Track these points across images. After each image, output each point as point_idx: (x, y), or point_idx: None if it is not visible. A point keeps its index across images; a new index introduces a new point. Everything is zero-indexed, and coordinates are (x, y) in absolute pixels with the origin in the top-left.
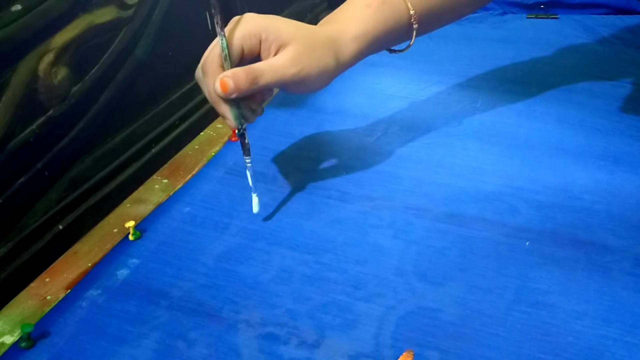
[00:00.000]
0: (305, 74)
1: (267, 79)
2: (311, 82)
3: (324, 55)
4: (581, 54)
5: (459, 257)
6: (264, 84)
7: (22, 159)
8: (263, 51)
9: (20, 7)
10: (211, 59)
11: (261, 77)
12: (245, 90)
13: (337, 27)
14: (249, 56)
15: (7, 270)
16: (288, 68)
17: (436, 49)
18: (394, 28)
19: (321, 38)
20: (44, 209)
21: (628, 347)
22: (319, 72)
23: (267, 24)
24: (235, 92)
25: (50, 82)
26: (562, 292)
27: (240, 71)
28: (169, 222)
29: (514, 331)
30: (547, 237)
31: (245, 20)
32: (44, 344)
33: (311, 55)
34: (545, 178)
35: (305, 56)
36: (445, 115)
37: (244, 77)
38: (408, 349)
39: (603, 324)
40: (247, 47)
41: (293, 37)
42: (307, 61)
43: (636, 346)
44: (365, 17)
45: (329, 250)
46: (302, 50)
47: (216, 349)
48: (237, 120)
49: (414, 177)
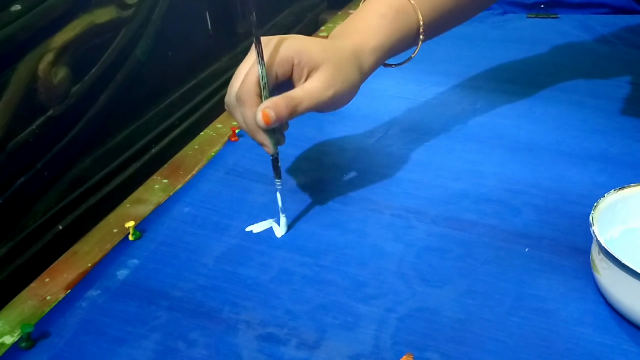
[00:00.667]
0: (340, 94)
1: (305, 106)
2: (342, 100)
3: (350, 72)
4: (581, 53)
5: (458, 261)
6: (303, 111)
7: (21, 159)
8: (295, 74)
9: (20, 7)
10: (247, 88)
11: (300, 105)
12: (286, 119)
13: (356, 40)
14: (281, 80)
15: (7, 270)
16: (323, 92)
17: (436, 49)
18: (406, 36)
19: (346, 55)
20: (43, 209)
21: (626, 355)
22: (349, 89)
23: (299, 49)
24: (277, 122)
25: (50, 82)
26: (561, 299)
27: (281, 100)
28: (169, 222)
29: (514, 336)
30: (546, 243)
31: (276, 46)
32: (44, 344)
33: (341, 75)
34: (544, 182)
35: (337, 77)
36: (446, 116)
37: (285, 107)
38: (408, 353)
39: (602, 331)
40: (280, 73)
41: (324, 59)
42: (339, 82)
43: (634, 354)
44: (381, 27)
45: (329, 252)
46: (333, 72)
47: (216, 349)
48: (275, 146)
49: (414, 180)
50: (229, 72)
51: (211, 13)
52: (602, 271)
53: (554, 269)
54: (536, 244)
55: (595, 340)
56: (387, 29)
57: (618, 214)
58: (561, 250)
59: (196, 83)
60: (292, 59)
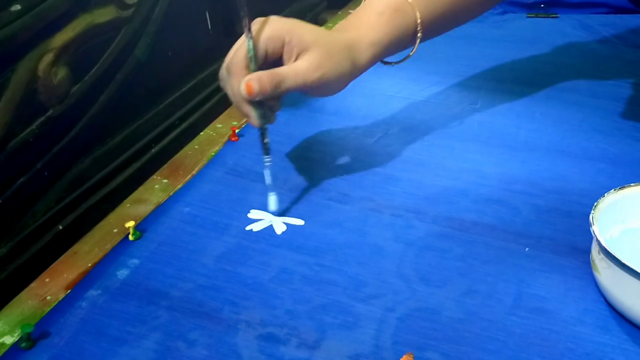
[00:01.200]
0: (326, 79)
1: (289, 84)
2: (330, 86)
3: (342, 61)
4: (581, 53)
5: (458, 261)
6: (287, 88)
7: (21, 159)
8: (285, 54)
9: (20, 7)
10: (237, 59)
11: (284, 82)
12: (269, 94)
13: (354, 34)
14: (271, 58)
15: (7, 270)
16: (310, 73)
17: (436, 48)
18: (403, 35)
19: (340, 44)
20: (43, 209)
21: (626, 354)
22: (337, 76)
23: (291, 28)
24: (259, 94)
25: (50, 82)
26: (561, 298)
27: (265, 75)
28: (169, 222)
29: (513, 336)
30: (546, 243)
31: (270, 23)
32: (44, 344)
33: (331, 61)
34: (544, 182)
35: (326, 62)
36: (445, 116)
37: (268, 81)
38: (408, 352)
39: (601, 331)
40: (270, 49)
41: (315, 43)
42: (327, 66)
43: (634, 353)
44: (379, 24)
45: (329, 252)
46: (323, 56)
47: (216, 349)
48: (260, 119)
49: (413, 179)
50: None
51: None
52: (602, 271)
53: (554, 268)
54: (536, 244)
55: (595, 340)
56: (384, 26)
57: (618, 213)
58: (561, 250)
59: (196, 83)
60: (283, 37)
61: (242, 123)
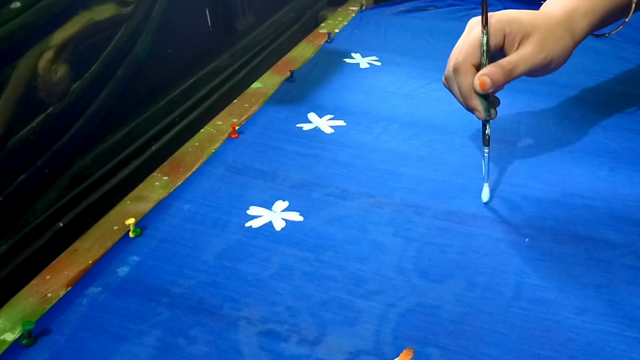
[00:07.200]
0: (551, 57)
1: (520, 70)
2: (555, 63)
3: (562, 36)
4: (581, 50)
5: (458, 255)
6: (518, 75)
7: (22, 157)
8: (507, 44)
9: (20, 4)
10: (463, 58)
11: (516, 69)
12: (502, 84)
13: (567, 6)
14: (494, 52)
15: (8, 267)
16: (536, 55)
17: (436, 45)
18: (617, 2)
19: (557, 20)
20: (44, 206)
21: (628, 342)
22: (561, 52)
23: (510, 19)
24: (492, 87)
25: (50, 80)
26: (562, 288)
27: (495, 67)
28: (169, 219)
29: (514, 328)
30: (547, 233)
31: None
32: (45, 341)
33: (553, 39)
34: (544, 175)
35: (549, 40)
36: (445, 112)
37: (500, 73)
38: (408, 347)
39: (603, 318)
40: (493, 44)
41: (534, 26)
42: (550, 45)
43: (636, 340)
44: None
45: (329, 248)
46: (545, 36)
47: (217, 346)
48: (487, 112)
49: (413, 175)
50: (228, 69)
51: (211, 10)
52: None
53: (554, 258)
54: (537, 235)
55: (597, 329)
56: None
57: None
58: (562, 239)
59: (196, 80)
60: (503, 29)
61: (242, 120)
